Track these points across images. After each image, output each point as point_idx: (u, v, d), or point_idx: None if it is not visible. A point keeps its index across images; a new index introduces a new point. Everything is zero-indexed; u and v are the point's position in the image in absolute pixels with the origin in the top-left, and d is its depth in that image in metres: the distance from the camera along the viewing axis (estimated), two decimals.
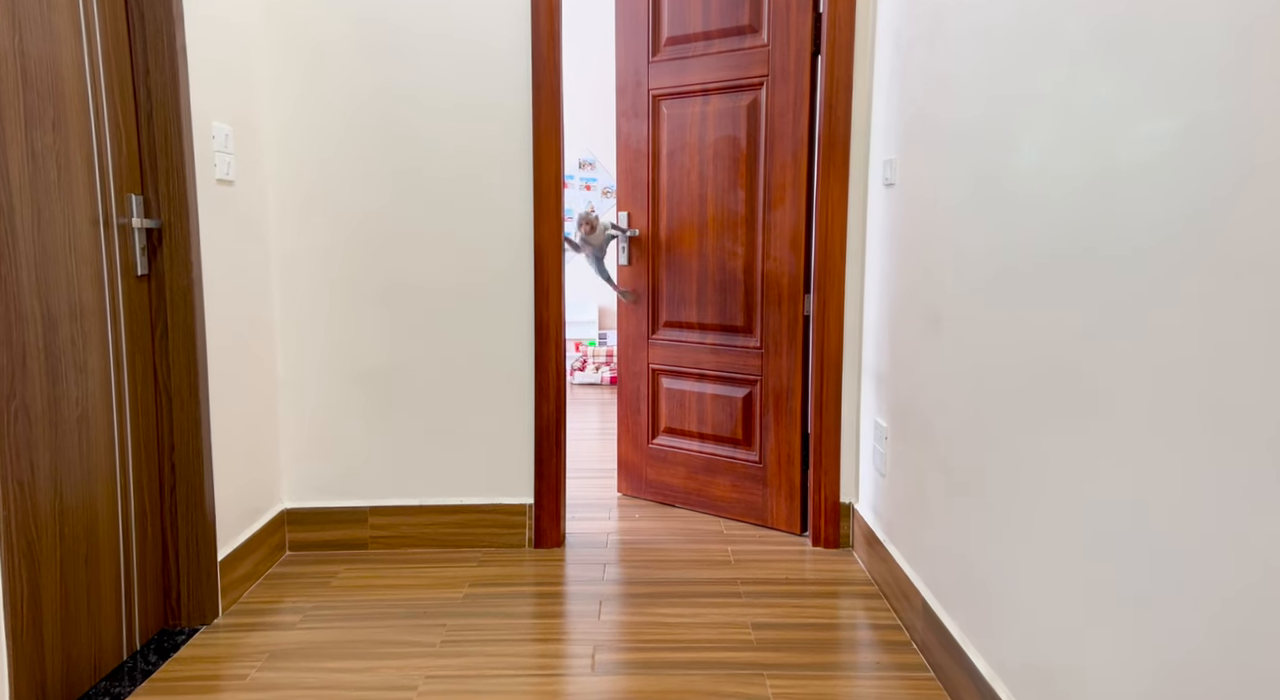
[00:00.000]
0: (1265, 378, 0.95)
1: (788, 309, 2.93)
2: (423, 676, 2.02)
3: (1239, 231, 1.00)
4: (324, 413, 2.77)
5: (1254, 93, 0.98)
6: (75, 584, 1.86)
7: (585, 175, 6.64)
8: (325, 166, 2.68)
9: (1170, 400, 1.13)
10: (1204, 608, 1.06)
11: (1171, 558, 1.13)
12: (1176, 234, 1.12)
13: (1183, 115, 1.11)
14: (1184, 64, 1.11)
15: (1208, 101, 1.06)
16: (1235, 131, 1.01)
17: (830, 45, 2.69)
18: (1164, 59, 1.15)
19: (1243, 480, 0.99)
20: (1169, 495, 1.13)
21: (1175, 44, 1.13)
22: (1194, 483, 1.08)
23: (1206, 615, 1.06)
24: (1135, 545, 1.21)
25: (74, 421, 1.85)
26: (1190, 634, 1.09)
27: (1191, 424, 1.08)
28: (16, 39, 1.67)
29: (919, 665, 2.06)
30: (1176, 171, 1.12)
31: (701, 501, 3.23)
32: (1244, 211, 1.00)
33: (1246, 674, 0.99)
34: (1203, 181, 1.07)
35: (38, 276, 1.73)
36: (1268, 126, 0.96)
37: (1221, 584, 1.03)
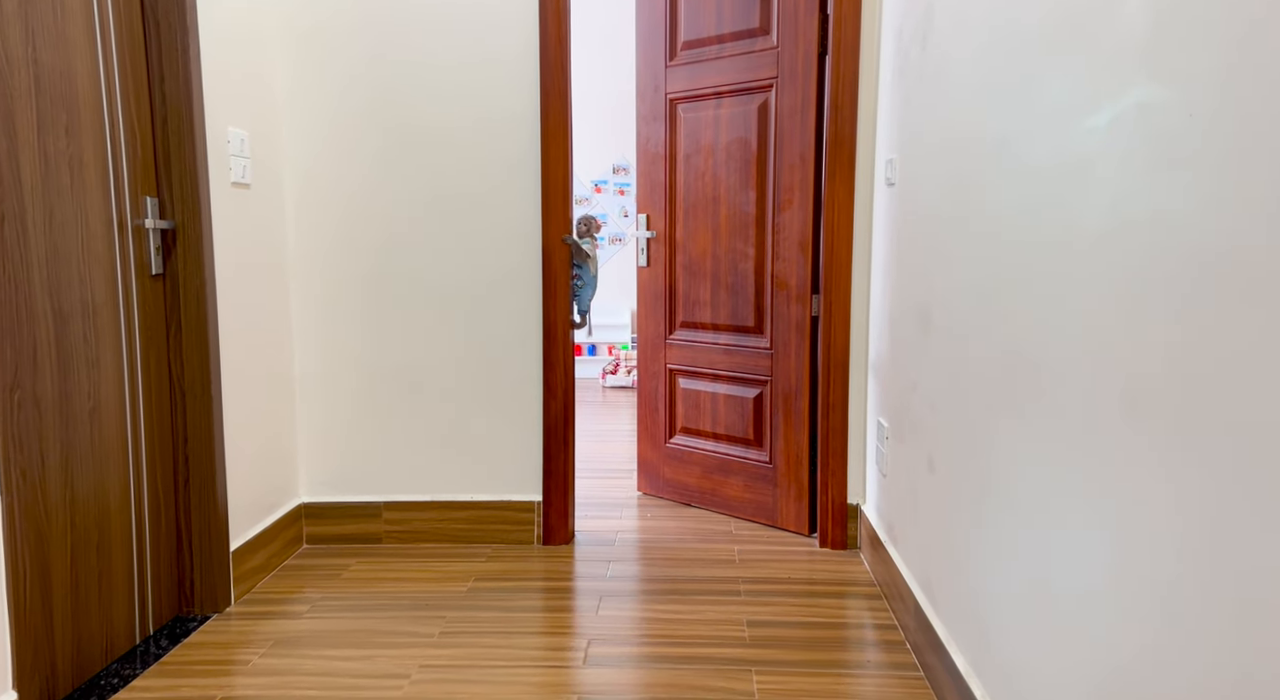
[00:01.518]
0: (1235, 374, 0.94)
1: (796, 310, 2.92)
2: (417, 666, 2.06)
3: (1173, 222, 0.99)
4: (340, 410, 2.85)
5: (1194, 82, 0.97)
6: (86, 570, 1.95)
7: (619, 180, 6.69)
8: (339, 171, 2.76)
9: (1141, 399, 1.11)
10: (1158, 608, 1.05)
11: (1129, 557, 1.11)
12: (1116, 227, 1.10)
13: (1117, 105, 1.10)
14: (1118, 54, 1.10)
15: (1143, 90, 1.05)
16: (1163, 120, 1.00)
17: (837, 45, 2.68)
18: (1103, 52, 1.14)
19: (1211, 484, 0.98)
20: (1140, 499, 1.12)
21: (1114, 36, 1.12)
22: (1152, 482, 1.07)
23: (1161, 616, 1.04)
24: (1094, 544, 1.19)
25: (85, 414, 1.94)
26: (1144, 633, 1.07)
27: (1161, 426, 1.07)
28: (29, 48, 1.76)
29: (909, 664, 2.04)
30: (1119, 162, 1.11)
31: (715, 501, 3.24)
32: (1191, 203, 0.98)
33: (1193, 672, 0.97)
34: (1144, 173, 1.06)
35: (49, 275, 1.83)
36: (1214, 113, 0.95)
37: (1171, 584, 1.01)
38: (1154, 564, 1.03)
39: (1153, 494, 1.03)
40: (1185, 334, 0.97)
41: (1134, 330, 1.07)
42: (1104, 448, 1.15)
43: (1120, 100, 1.10)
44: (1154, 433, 1.03)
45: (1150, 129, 1.04)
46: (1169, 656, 1.00)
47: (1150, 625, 1.04)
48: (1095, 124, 1.17)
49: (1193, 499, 0.95)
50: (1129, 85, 1.09)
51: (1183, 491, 0.97)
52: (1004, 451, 1.52)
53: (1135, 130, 1.07)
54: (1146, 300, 1.04)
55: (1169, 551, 1.00)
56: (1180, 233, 0.98)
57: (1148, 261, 1.04)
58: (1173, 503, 0.99)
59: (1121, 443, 1.11)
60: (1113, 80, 1.13)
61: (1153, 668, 1.03)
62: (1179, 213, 0.98)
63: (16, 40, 1.73)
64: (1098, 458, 1.17)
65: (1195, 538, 0.95)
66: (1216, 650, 0.91)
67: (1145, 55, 1.05)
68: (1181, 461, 0.97)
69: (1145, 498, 1.05)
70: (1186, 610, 0.96)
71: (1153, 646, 1.03)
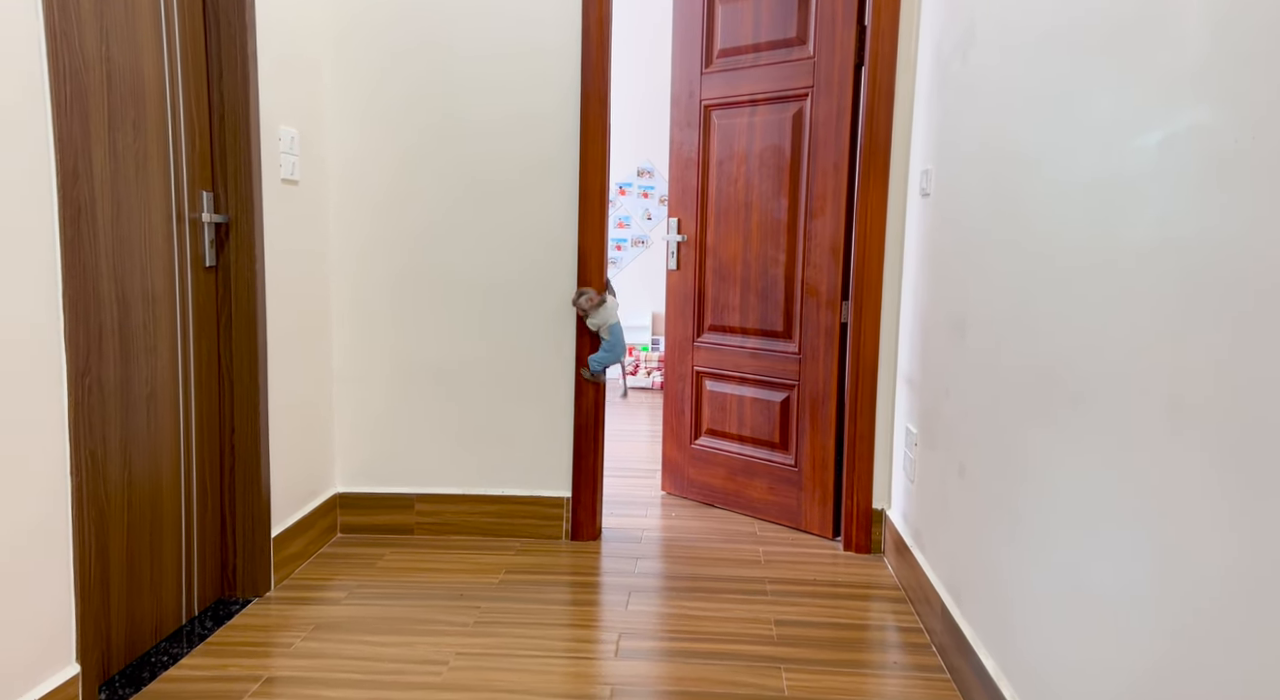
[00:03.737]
0: (1272, 384, 0.99)
1: (826, 315, 2.97)
2: (454, 653, 2.12)
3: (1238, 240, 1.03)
4: (376, 403, 2.91)
5: (1247, 105, 1.01)
6: (140, 551, 2.02)
7: (644, 183, 6.75)
8: (383, 169, 2.83)
9: (1180, 411, 1.15)
10: (1198, 615, 1.09)
11: (1170, 564, 1.15)
12: (1167, 242, 1.15)
13: (1169, 126, 1.15)
14: (1172, 76, 1.14)
15: (1196, 111, 1.10)
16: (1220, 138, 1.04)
17: (874, 57, 2.73)
18: (1156, 73, 1.18)
19: (1255, 497, 1.02)
20: (1171, 506, 1.16)
21: (1168, 58, 1.16)
22: (1197, 492, 1.11)
23: (1201, 622, 1.08)
24: (1134, 555, 1.24)
25: (143, 399, 2.01)
26: (1183, 639, 1.12)
27: (1199, 438, 1.11)
28: (103, 47, 1.83)
29: (935, 666, 2.09)
30: (1168, 181, 1.15)
31: (739, 502, 3.28)
32: (1243, 221, 1.03)
33: (1231, 679, 1.01)
34: (1193, 193, 1.10)
35: (114, 264, 1.89)
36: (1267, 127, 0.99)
37: (1213, 592, 1.06)
38: (1195, 572, 1.07)
39: (1195, 505, 1.08)
40: (1232, 350, 1.01)
41: (1180, 345, 1.12)
42: (1146, 458, 1.19)
43: (1172, 121, 1.15)
44: (1198, 445, 1.07)
45: (1201, 150, 1.08)
46: (1208, 660, 1.04)
47: (1189, 632, 1.08)
48: (1145, 143, 1.21)
49: (1237, 510, 1.00)
50: (1181, 106, 1.13)
51: (1227, 502, 1.01)
52: (1041, 460, 1.56)
53: (1186, 151, 1.11)
54: (1193, 316, 1.09)
55: (1212, 560, 1.04)
56: (1229, 252, 1.02)
57: (1195, 279, 1.09)
58: (1216, 513, 1.03)
59: (1164, 454, 1.15)
60: (1165, 101, 1.17)
61: (1189, 673, 1.08)
62: (1228, 233, 1.02)
63: (92, 39, 1.80)
64: (1139, 468, 1.21)
65: (1238, 548, 0.99)
66: (1258, 658, 0.95)
67: (1199, 78, 1.10)
68: (1227, 474, 1.02)
69: (1187, 508, 1.09)
70: (1228, 618, 1.01)
71: (1190, 653, 1.08)
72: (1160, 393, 1.16)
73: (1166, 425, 1.14)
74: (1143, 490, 1.20)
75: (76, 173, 1.66)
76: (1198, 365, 1.07)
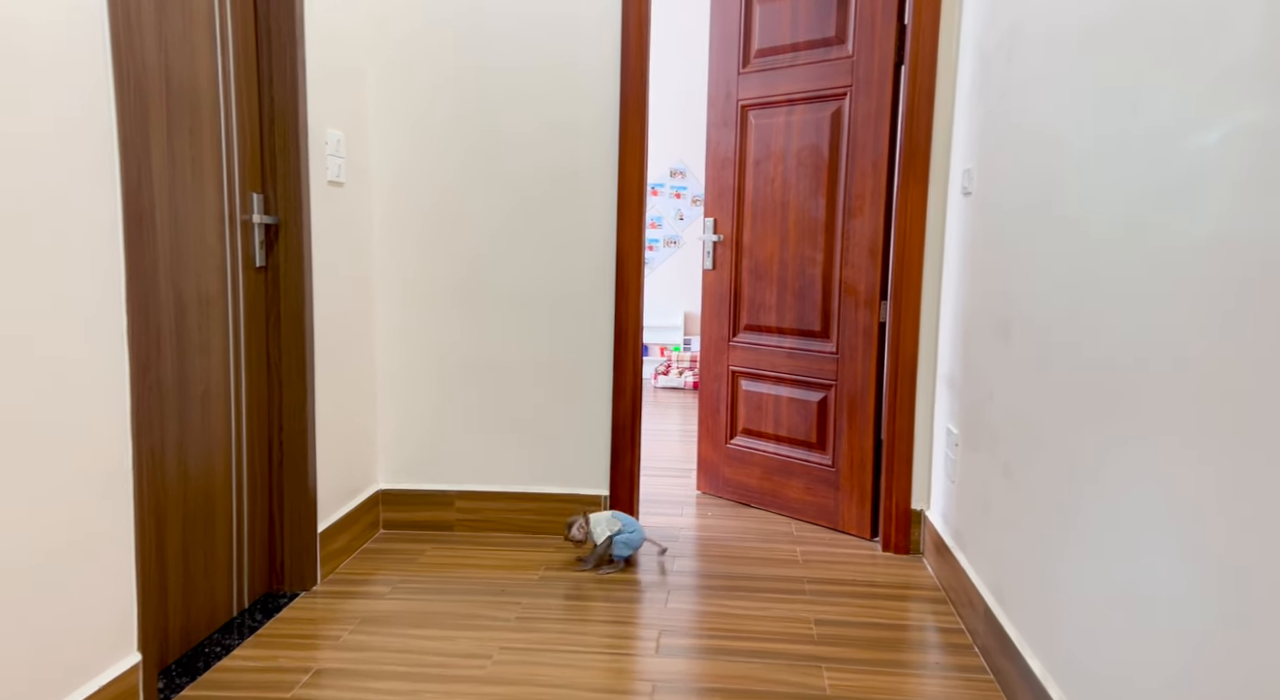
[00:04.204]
0: None
1: (864, 315, 2.97)
2: (497, 648, 2.15)
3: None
4: (417, 401, 2.96)
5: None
6: (194, 544, 2.07)
7: (676, 183, 6.77)
8: (427, 175, 2.87)
9: (1237, 411, 1.15)
10: (1250, 617, 1.09)
11: (1227, 569, 1.15)
12: (1228, 239, 1.14)
13: (1229, 123, 1.14)
14: (1231, 73, 1.14)
15: (1257, 107, 1.09)
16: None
17: (914, 56, 2.73)
18: (1214, 70, 1.18)
19: None
20: (1228, 507, 1.16)
21: (1226, 54, 1.16)
22: (1258, 494, 1.11)
23: (1253, 624, 1.08)
24: (1189, 556, 1.23)
25: (198, 397, 2.06)
26: (1230, 640, 1.11)
27: (1258, 439, 1.11)
28: (162, 54, 1.88)
29: (978, 667, 2.08)
30: (1229, 179, 1.15)
31: (775, 502, 3.29)
32: None
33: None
34: (1253, 191, 1.10)
35: (171, 266, 1.95)
36: None
37: (1269, 590, 1.05)
38: (1253, 575, 1.07)
39: (1255, 507, 1.07)
40: None
41: (1244, 346, 1.11)
42: (1204, 459, 1.19)
43: (1232, 117, 1.14)
44: (1260, 446, 1.07)
45: (1263, 147, 1.08)
46: (1265, 662, 1.04)
47: (1245, 634, 1.08)
48: (1204, 140, 1.21)
49: None
50: (1241, 103, 1.13)
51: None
52: (1093, 461, 1.55)
53: (1247, 147, 1.11)
54: (1254, 315, 1.08)
55: (1272, 564, 1.04)
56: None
57: (1258, 277, 1.08)
58: (1276, 516, 1.03)
59: (1223, 455, 1.14)
60: (1224, 97, 1.17)
61: (1245, 677, 1.07)
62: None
63: (152, 48, 1.85)
64: (1196, 469, 1.21)
65: None
66: None
67: (1259, 73, 1.09)
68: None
69: (1246, 510, 1.09)
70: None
71: (1245, 656, 1.07)
72: (1219, 392, 1.15)
73: (1227, 425, 1.14)
74: (1200, 491, 1.20)
75: (138, 177, 1.71)
76: (1259, 365, 1.07)
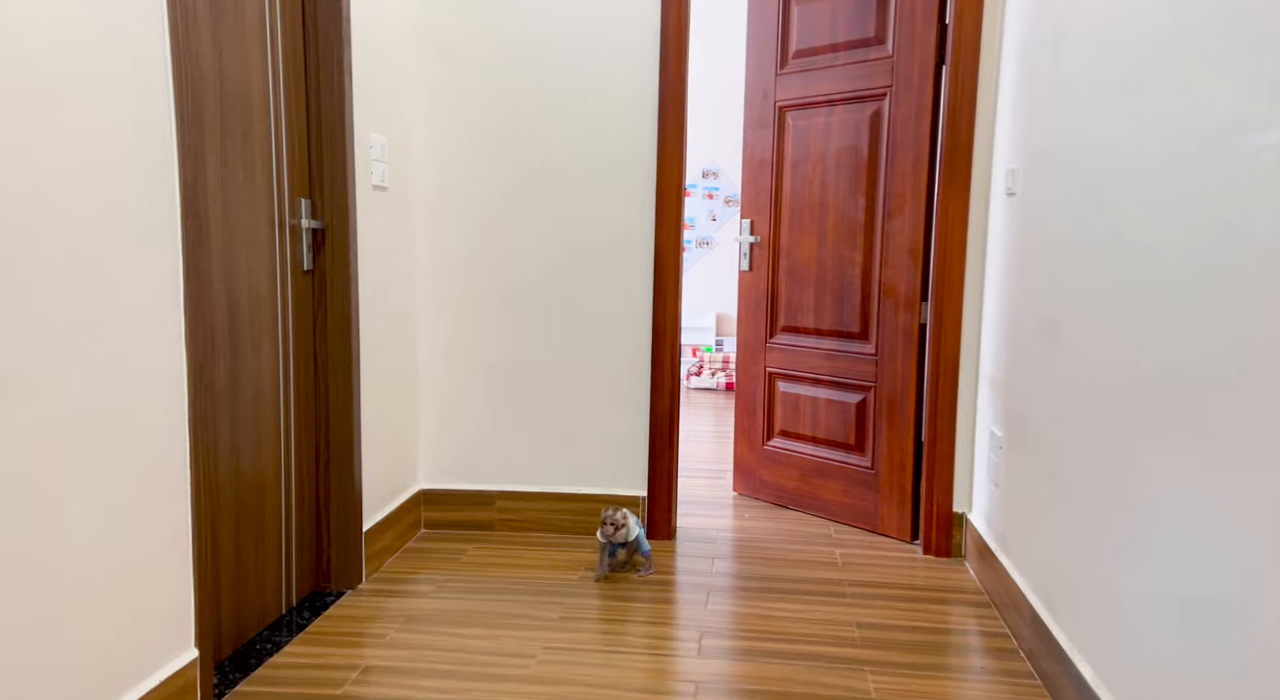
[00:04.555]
0: None
1: (904, 316, 2.95)
2: (541, 647, 2.17)
3: None
4: (458, 403, 2.99)
5: None
6: (246, 542, 2.11)
7: (709, 184, 6.76)
8: (467, 178, 2.90)
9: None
10: None
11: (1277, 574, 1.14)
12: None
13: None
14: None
15: None
16: None
17: (955, 55, 2.71)
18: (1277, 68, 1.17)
19: None
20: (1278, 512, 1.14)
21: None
22: None
23: None
24: (1245, 561, 1.22)
25: (249, 398, 2.10)
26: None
27: None
28: (217, 60, 1.92)
29: (1025, 672, 2.07)
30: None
31: (813, 504, 3.28)
32: None
33: None
34: None
35: (224, 268, 1.99)
36: None
37: None
38: None
39: None
40: None
41: None
42: (1265, 461, 1.17)
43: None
44: None
45: None
46: None
47: None
48: (1269, 140, 1.19)
49: None
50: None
51: None
52: (1147, 465, 1.54)
53: None
54: None
55: None
56: None
57: None
58: None
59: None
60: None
61: None
62: None
63: (208, 54, 1.89)
64: (1257, 473, 1.19)
65: None
66: None
67: None
68: None
69: None
70: None
71: None
72: (1271, 402, 1.14)
73: (1268, 437, 1.12)
74: (1261, 496, 1.18)
75: (195, 181, 1.75)
76: None
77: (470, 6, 2.84)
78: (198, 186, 1.84)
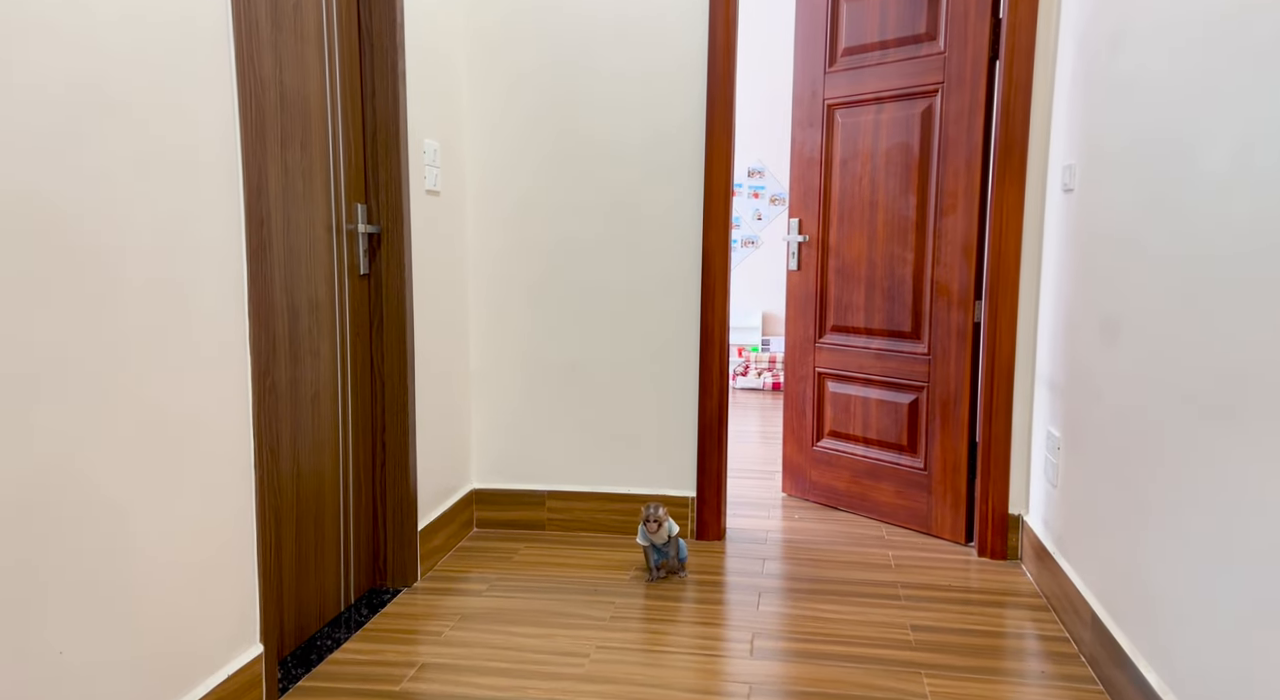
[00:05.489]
0: None
1: (957, 315, 2.91)
2: (594, 646, 2.18)
3: None
4: (509, 403, 3.02)
5: None
6: (306, 541, 2.16)
7: (754, 183, 6.74)
8: (516, 180, 2.93)
9: None
10: None
11: None
12: None
13: None
14: None
15: None
16: None
17: (1010, 50, 2.66)
18: None
19: None
20: None
21: None
22: None
23: None
24: None
25: (309, 400, 2.15)
26: None
27: None
28: (277, 71, 1.97)
29: (1086, 677, 2.03)
30: None
31: (864, 505, 3.25)
32: None
33: None
34: None
35: (285, 274, 2.03)
36: None
37: None
38: None
39: None
40: None
41: None
42: None
43: None
44: None
45: None
46: None
47: None
48: None
49: None
50: None
51: None
52: (1217, 468, 1.50)
53: None
54: None
55: None
56: None
57: None
58: None
59: None
60: None
61: None
62: None
63: (269, 65, 1.94)
64: None
65: None
66: None
67: None
68: None
69: None
70: None
71: None
72: None
73: None
74: None
75: (259, 189, 1.80)
76: None
77: (518, 13, 2.86)
78: (260, 194, 1.88)
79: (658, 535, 2.54)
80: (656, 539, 2.55)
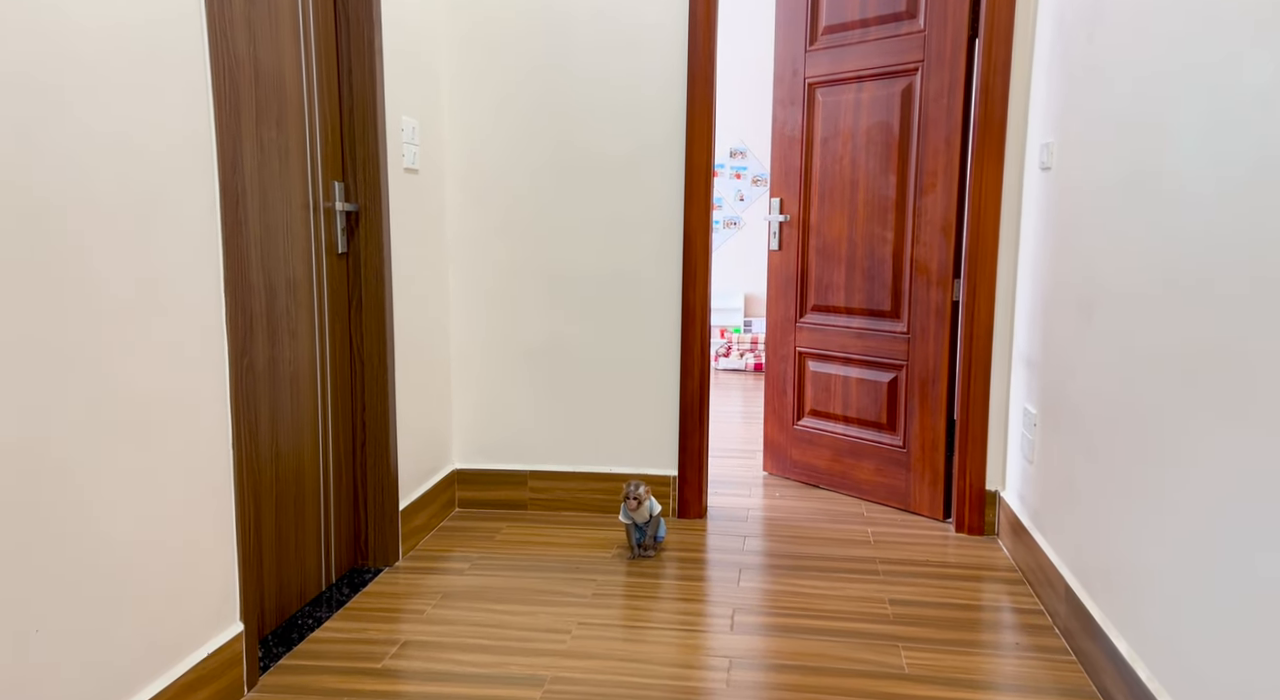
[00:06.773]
0: None
1: (936, 294, 2.93)
2: (575, 622, 2.20)
3: None
4: (490, 383, 3.02)
5: None
6: (285, 520, 2.15)
7: (735, 164, 6.73)
8: (495, 158, 2.91)
9: None
10: None
11: None
12: None
13: None
14: None
15: None
16: None
17: (989, 29, 2.67)
18: None
19: None
20: None
21: None
22: None
23: None
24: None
25: (287, 379, 2.14)
26: None
27: None
28: (251, 48, 1.94)
29: (1060, 648, 2.06)
30: None
31: (845, 483, 3.28)
32: None
33: None
34: None
35: (262, 253, 2.02)
36: None
37: None
38: None
39: None
40: None
41: None
42: None
43: None
44: None
45: None
46: None
47: None
48: None
49: None
50: None
51: None
52: (1188, 443, 1.52)
53: None
54: None
55: None
56: None
57: None
58: None
59: None
60: None
61: None
62: None
63: (243, 42, 1.91)
64: None
65: None
66: None
67: None
68: None
69: None
70: None
71: None
72: None
73: None
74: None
75: (234, 165, 1.78)
76: None
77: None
78: (236, 171, 1.86)
79: (639, 513, 2.56)
80: (638, 517, 2.56)
